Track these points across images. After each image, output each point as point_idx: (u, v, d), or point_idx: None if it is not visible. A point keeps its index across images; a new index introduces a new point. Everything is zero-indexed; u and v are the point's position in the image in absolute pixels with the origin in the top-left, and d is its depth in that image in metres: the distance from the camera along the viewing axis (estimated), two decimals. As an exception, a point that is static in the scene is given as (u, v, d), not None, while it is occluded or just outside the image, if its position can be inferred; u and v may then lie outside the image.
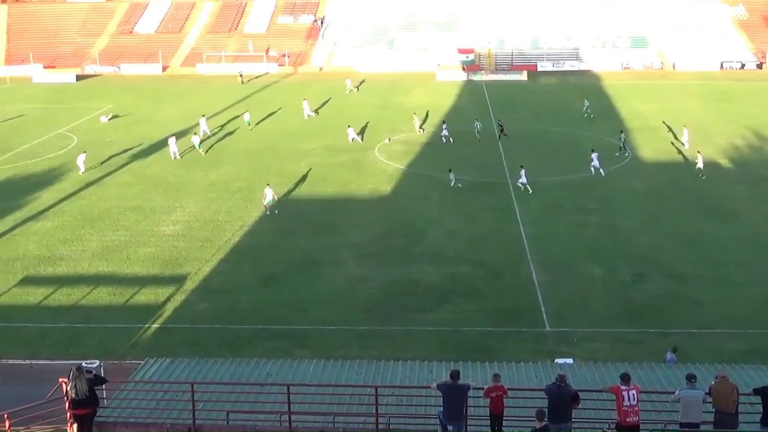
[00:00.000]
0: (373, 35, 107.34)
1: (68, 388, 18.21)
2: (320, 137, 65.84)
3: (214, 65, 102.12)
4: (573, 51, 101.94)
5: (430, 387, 18.41)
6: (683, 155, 58.48)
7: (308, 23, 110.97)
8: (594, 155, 53.99)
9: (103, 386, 19.84)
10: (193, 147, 61.94)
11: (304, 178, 54.91)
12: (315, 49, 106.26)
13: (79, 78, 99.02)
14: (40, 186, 54.11)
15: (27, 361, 31.51)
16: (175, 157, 59.85)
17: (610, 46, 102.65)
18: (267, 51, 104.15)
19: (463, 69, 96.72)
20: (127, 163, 59.56)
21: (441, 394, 17.74)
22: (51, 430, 19.88)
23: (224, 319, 34.94)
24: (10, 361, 31.47)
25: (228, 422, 19.44)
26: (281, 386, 19.38)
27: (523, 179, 50.60)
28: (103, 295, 37.48)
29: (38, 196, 52.10)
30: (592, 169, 53.56)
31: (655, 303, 35.85)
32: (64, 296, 37.49)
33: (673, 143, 61.57)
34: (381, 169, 56.65)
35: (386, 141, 62.10)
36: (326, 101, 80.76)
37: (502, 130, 63.55)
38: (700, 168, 52.88)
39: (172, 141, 60.84)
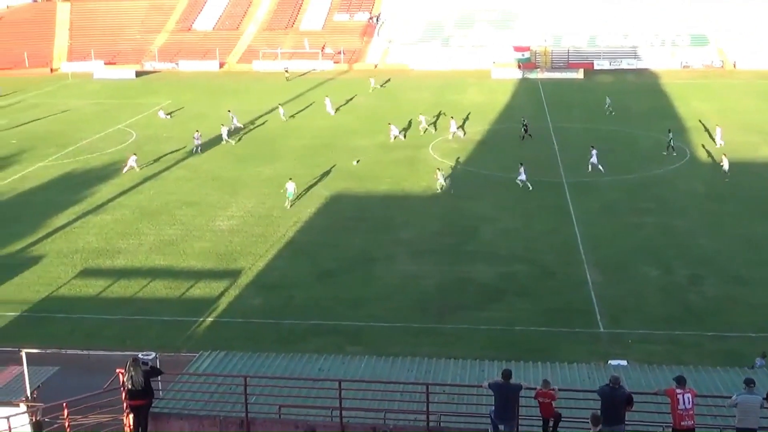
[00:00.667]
0: (429, 32, 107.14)
1: (125, 379, 18.52)
2: (373, 134, 65.97)
3: (270, 62, 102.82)
4: (631, 49, 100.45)
5: (481, 386, 18.32)
6: (711, 155, 57.40)
7: (364, 20, 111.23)
8: (593, 151, 54.31)
9: (159, 378, 20.12)
10: (220, 138, 64.48)
11: (358, 174, 55.10)
12: (370, 47, 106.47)
13: (138, 74, 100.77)
14: (100, 180, 55.16)
15: (85, 352, 32.14)
16: (196, 151, 61.59)
17: (669, 44, 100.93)
18: (323, 48, 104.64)
19: (519, 67, 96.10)
20: (183, 159, 60.46)
21: (492, 393, 17.67)
22: (108, 419, 20.25)
23: (278, 314, 35.27)
24: (69, 351, 32.06)
25: (280, 416, 19.58)
26: (333, 381, 19.44)
27: (522, 176, 50.67)
28: (159, 288, 38.11)
29: (97, 190, 53.11)
30: (590, 165, 53.80)
31: (713, 306, 35.22)
32: (121, 289, 38.22)
33: (703, 145, 60.33)
34: (435, 166, 56.49)
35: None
36: (352, 97, 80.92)
37: (526, 130, 63.10)
38: (725, 170, 51.86)
39: (197, 135, 62.55)
